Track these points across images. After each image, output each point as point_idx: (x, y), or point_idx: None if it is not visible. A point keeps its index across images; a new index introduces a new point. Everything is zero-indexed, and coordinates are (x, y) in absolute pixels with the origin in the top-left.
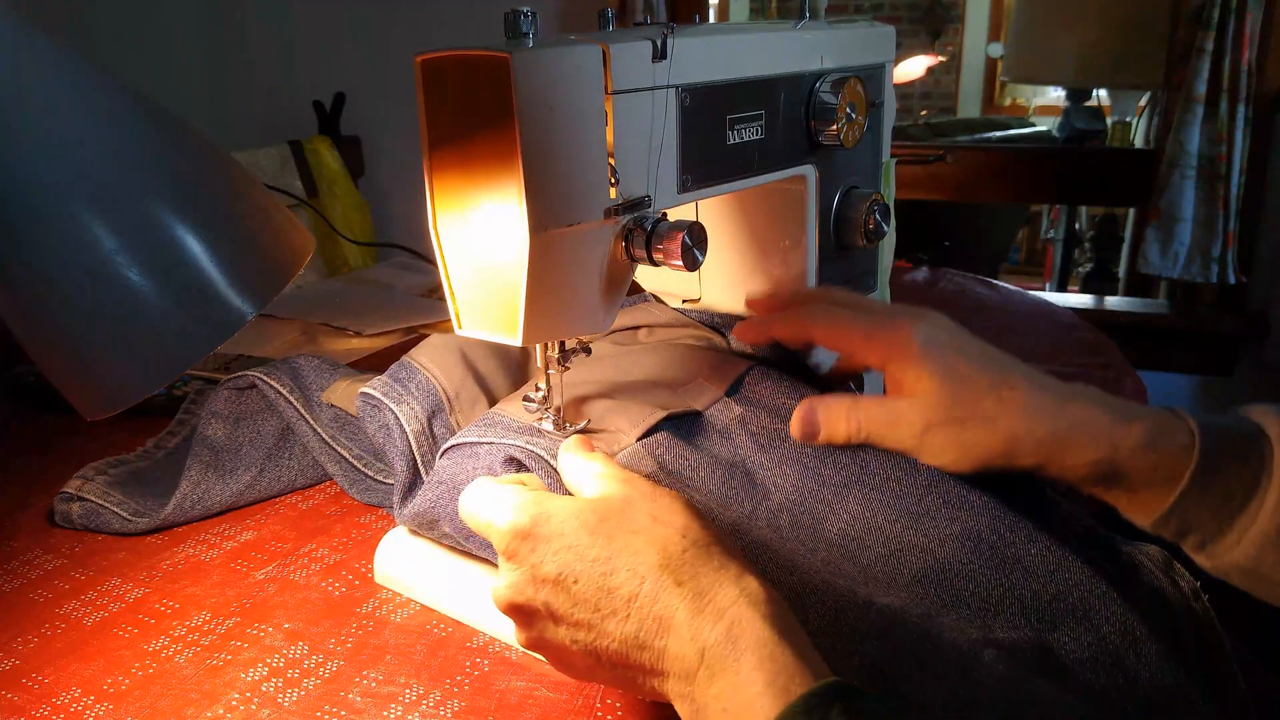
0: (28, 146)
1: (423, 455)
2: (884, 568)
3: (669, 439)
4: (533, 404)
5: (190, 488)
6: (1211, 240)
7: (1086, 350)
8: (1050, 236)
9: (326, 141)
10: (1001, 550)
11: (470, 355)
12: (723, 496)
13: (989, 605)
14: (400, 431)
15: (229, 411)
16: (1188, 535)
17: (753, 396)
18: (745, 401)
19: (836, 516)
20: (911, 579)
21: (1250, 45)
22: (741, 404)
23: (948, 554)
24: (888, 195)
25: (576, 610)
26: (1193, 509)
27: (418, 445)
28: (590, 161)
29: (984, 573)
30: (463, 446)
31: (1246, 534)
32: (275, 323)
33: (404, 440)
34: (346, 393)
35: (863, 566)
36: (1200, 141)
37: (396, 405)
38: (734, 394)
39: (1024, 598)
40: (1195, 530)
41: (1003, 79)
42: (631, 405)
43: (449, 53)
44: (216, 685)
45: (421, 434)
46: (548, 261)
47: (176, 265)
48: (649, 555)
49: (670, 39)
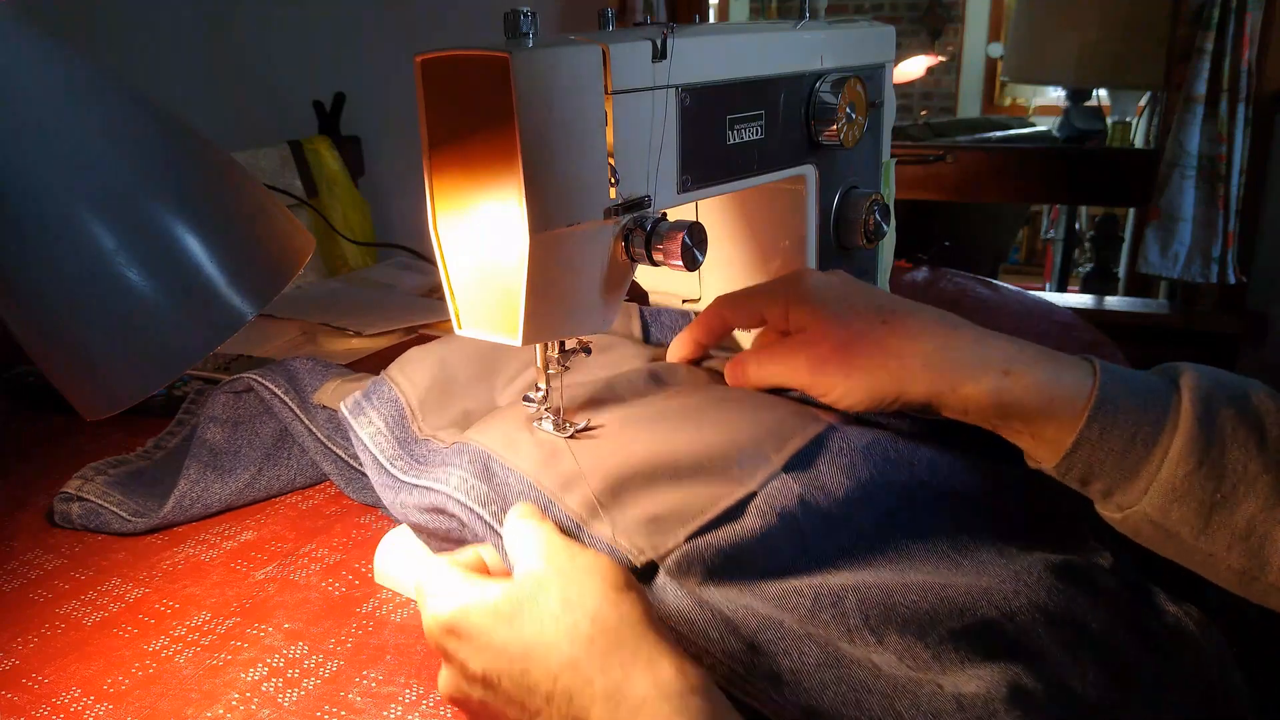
0: (28, 147)
1: (387, 456)
2: (956, 647)
3: (722, 535)
4: (532, 404)
5: (189, 486)
6: (1211, 240)
7: (1086, 350)
8: (1050, 236)
9: (326, 141)
10: (1065, 630)
11: (449, 363)
12: (779, 600)
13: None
14: (357, 438)
15: (227, 416)
16: (1092, 482)
17: (819, 472)
18: (808, 481)
19: (903, 594)
20: (986, 654)
21: (1250, 45)
22: (802, 482)
23: (1017, 629)
24: (888, 195)
25: (509, 708)
26: (1094, 451)
27: (376, 445)
28: (590, 161)
29: (1052, 649)
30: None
31: (1154, 483)
32: (275, 323)
33: (360, 444)
34: (336, 393)
35: (934, 649)
36: (1200, 141)
37: (354, 418)
38: (794, 470)
39: (1088, 675)
40: (1099, 476)
41: (1003, 79)
42: (681, 493)
43: (449, 53)
44: (216, 685)
45: (379, 434)
46: (548, 261)
47: (176, 265)
48: (560, 650)
49: (670, 39)
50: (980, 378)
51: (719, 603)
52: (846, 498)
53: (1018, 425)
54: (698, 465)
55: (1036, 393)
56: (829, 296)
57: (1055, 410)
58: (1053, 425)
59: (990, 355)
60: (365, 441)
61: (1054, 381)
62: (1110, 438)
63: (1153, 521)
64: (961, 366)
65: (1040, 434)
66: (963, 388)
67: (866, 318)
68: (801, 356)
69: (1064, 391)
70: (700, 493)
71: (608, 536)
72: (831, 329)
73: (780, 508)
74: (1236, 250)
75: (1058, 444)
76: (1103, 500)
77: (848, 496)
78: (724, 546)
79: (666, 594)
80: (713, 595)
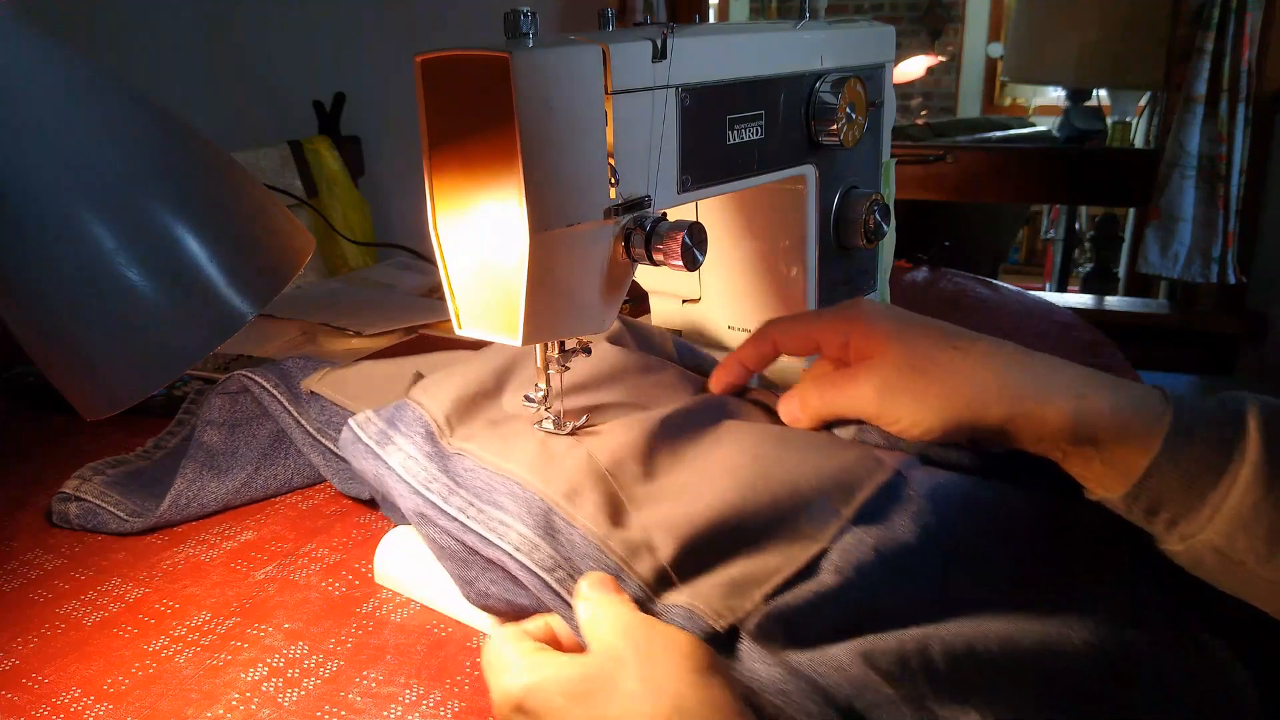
0: (28, 146)
1: (421, 481)
2: (1037, 704)
3: (799, 593)
4: (532, 404)
5: (185, 485)
6: (1211, 240)
7: (1086, 350)
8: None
9: (326, 141)
10: (1128, 668)
11: (469, 380)
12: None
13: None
14: (389, 470)
15: (224, 419)
16: (1159, 512)
17: (890, 523)
18: (879, 533)
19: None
20: (1064, 707)
21: (1250, 45)
22: (874, 535)
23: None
24: (888, 195)
25: None
26: (1166, 478)
27: (409, 473)
28: (590, 161)
29: (1114, 689)
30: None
31: (1220, 510)
32: (275, 323)
33: (393, 475)
34: (325, 380)
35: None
36: (1200, 141)
37: (382, 449)
38: (864, 522)
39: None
40: (1167, 505)
41: (1003, 79)
42: (752, 553)
43: (449, 53)
44: (216, 685)
45: (409, 460)
46: (548, 261)
47: (176, 265)
48: None
49: (670, 39)
50: (1056, 400)
51: (808, 668)
52: (917, 546)
53: (1090, 451)
54: (765, 523)
55: (1112, 416)
56: (892, 322)
57: (1130, 435)
58: (1126, 450)
59: (1063, 379)
60: (398, 471)
61: (1129, 406)
62: (1182, 464)
63: (1217, 550)
64: (1036, 390)
65: (1113, 459)
66: (1039, 410)
67: (934, 342)
68: (868, 383)
69: (1138, 416)
70: (771, 551)
71: (685, 602)
72: (899, 354)
73: (855, 562)
74: (1236, 250)
75: (1130, 470)
76: (1166, 531)
77: (918, 545)
78: (803, 605)
79: (755, 662)
80: (800, 659)
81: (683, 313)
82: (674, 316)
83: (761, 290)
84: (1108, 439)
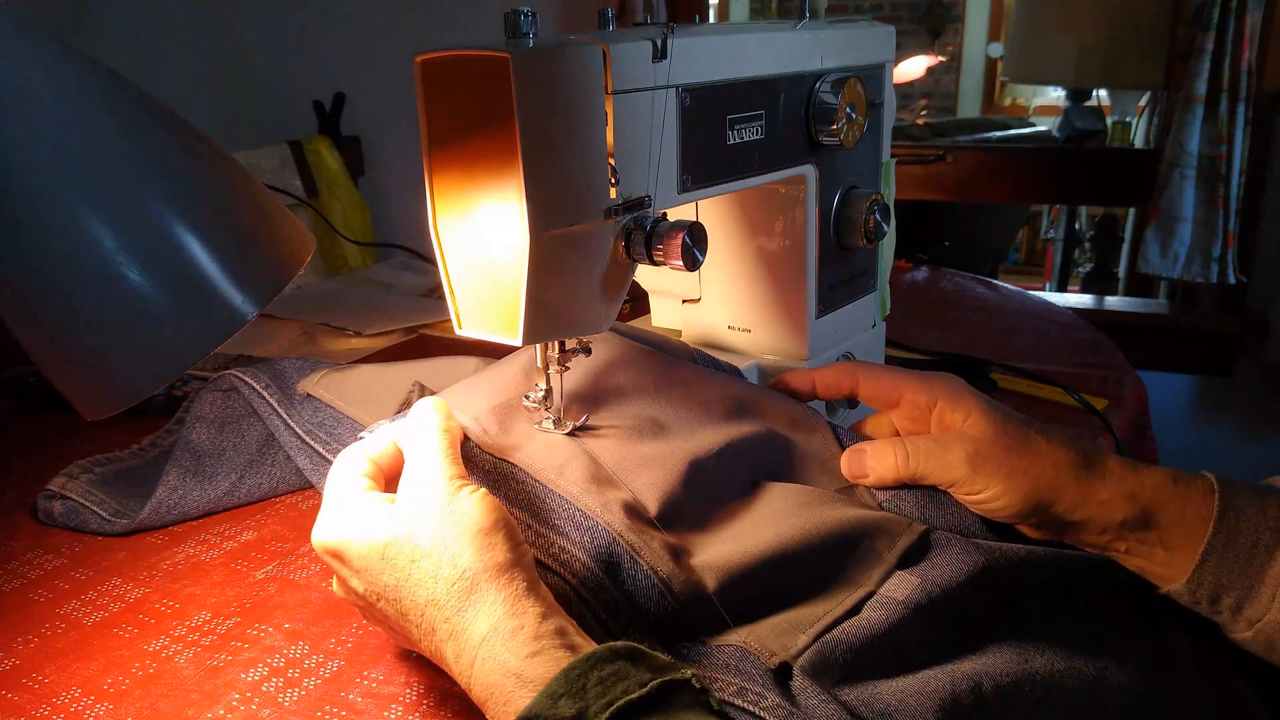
0: (28, 146)
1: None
2: None
3: (849, 631)
4: (532, 404)
5: (166, 493)
6: (1211, 240)
7: (1086, 350)
8: (1050, 236)
9: (326, 141)
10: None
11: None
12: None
13: None
14: None
15: (214, 416)
16: (1223, 597)
17: (932, 564)
18: (923, 573)
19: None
20: None
21: (1250, 45)
22: (919, 574)
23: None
24: (888, 195)
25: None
26: (1223, 561)
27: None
28: (590, 161)
29: None
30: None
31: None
32: (275, 323)
33: None
34: (322, 383)
35: None
36: (1200, 141)
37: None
38: (908, 565)
39: None
40: (1229, 589)
41: (1003, 79)
42: (801, 595)
43: (449, 53)
44: (217, 685)
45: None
46: (548, 261)
47: (177, 265)
48: (425, 588)
49: (670, 39)
50: (1109, 479)
51: (862, 708)
52: (960, 589)
53: (1150, 536)
54: (812, 566)
55: (1165, 490)
56: (983, 399)
57: (1184, 515)
58: (1181, 531)
59: (1114, 460)
60: None
61: (1177, 482)
62: (1236, 544)
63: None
64: (1102, 477)
65: (1171, 542)
66: (1102, 492)
67: (1019, 424)
68: (961, 451)
69: (1187, 492)
70: (819, 594)
71: (738, 641)
72: (992, 429)
73: (902, 600)
74: (1236, 250)
75: (1187, 554)
76: (1233, 618)
77: (961, 587)
78: (854, 643)
79: (811, 701)
80: (853, 697)
81: (683, 313)
82: (674, 316)
83: (761, 290)
84: (1162, 517)
